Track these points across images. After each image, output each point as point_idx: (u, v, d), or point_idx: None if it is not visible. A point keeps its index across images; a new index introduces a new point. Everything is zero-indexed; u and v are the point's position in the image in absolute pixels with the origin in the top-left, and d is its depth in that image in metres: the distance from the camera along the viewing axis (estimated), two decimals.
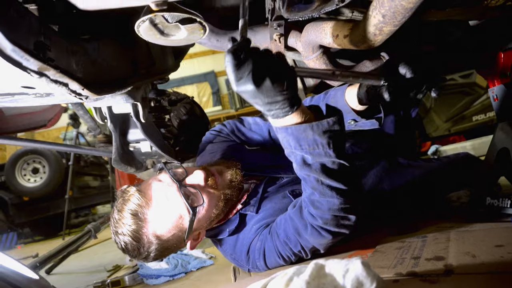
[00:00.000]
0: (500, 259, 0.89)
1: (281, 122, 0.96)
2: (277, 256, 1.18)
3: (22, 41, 0.67)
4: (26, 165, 5.92)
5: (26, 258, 4.07)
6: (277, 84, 0.85)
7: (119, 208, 1.19)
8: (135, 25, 0.75)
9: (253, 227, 1.26)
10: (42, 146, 2.13)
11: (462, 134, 4.43)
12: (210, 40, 1.28)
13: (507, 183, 1.35)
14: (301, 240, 1.11)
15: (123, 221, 1.17)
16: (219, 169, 1.31)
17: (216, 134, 1.62)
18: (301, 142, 0.96)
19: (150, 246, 1.19)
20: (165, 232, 1.19)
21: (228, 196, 1.28)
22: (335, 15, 1.18)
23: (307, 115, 0.96)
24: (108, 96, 1.02)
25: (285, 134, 0.97)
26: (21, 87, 0.77)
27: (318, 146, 0.96)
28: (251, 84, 0.84)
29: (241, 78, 0.84)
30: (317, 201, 1.03)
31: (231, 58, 0.83)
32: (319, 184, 1.00)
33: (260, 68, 0.84)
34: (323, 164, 0.98)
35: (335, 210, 1.02)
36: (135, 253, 1.20)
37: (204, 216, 1.23)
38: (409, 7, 0.69)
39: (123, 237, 1.18)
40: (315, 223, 1.06)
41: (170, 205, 1.18)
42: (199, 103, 2.30)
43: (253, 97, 0.88)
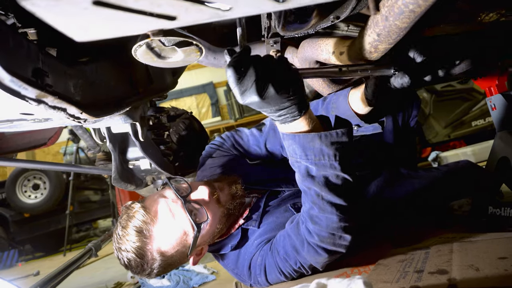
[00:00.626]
0: (504, 273, 0.88)
1: (289, 128, 0.94)
2: (278, 272, 1.17)
3: (20, 70, 0.67)
4: (26, 182, 5.91)
5: (27, 277, 4.05)
6: (282, 91, 0.84)
7: (124, 225, 1.18)
8: (132, 49, 0.76)
9: (255, 242, 1.26)
10: (42, 167, 2.12)
11: (462, 139, 4.43)
12: (207, 58, 1.29)
13: (508, 190, 1.34)
14: (299, 257, 1.11)
15: (127, 238, 1.16)
16: (221, 185, 1.31)
17: (216, 148, 1.62)
18: (307, 151, 0.94)
19: (154, 263, 1.18)
20: (169, 249, 1.18)
21: (231, 211, 1.28)
22: (331, 29, 1.20)
23: (315, 122, 0.94)
24: (107, 118, 1.03)
25: (292, 142, 0.95)
26: (19, 114, 0.78)
27: (324, 157, 0.93)
28: (256, 96, 0.82)
29: (245, 91, 0.82)
30: (316, 216, 1.01)
31: (232, 72, 0.82)
32: (320, 199, 0.98)
33: (262, 77, 0.82)
34: (327, 177, 0.96)
35: (333, 228, 1.00)
36: (138, 270, 1.19)
37: (208, 232, 1.23)
38: (403, 26, 0.70)
39: (126, 254, 1.17)
40: (311, 240, 1.04)
41: (175, 222, 1.17)
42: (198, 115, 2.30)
43: (260, 107, 0.87)
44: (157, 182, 1.77)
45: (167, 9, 0.48)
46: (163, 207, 1.18)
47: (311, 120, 0.93)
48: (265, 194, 1.38)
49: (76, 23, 0.49)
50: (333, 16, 0.93)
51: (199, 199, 1.21)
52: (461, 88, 4.29)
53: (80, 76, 0.93)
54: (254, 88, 0.81)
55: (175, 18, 0.50)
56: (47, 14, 0.46)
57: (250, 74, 0.81)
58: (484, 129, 4.22)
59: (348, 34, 1.18)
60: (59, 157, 8.73)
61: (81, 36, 0.50)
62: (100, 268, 3.60)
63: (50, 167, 2.25)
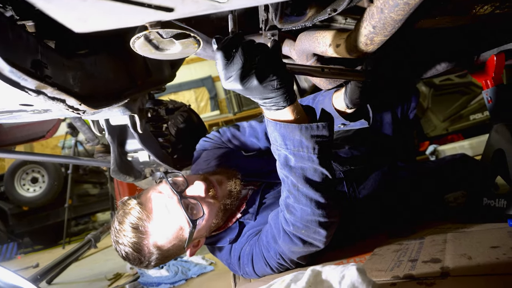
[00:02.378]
0: (495, 261, 0.90)
1: (273, 115, 0.94)
2: (264, 263, 1.18)
3: (19, 61, 0.68)
4: (25, 175, 5.92)
5: (27, 269, 4.07)
6: (266, 83, 0.83)
7: (120, 220, 1.20)
8: (130, 41, 0.77)
9: (246, 233, 1.28)
10: (41, 159, 2.13)
11: (460, 133, 4.44)
12: (205, 51, 1.29)
13: (504, 182, 1.36)
14: (277, 246, 1.11)
15: (124, 233, 1.18)
16: (219, 179, 1.31)
17: (210, 141, 1.62)
18: (287, 141, 0.94)
19: (151, 256, 1.20)
20: (165, 243, 1.20)
21: (227, 206, 1.28)
22: (328, 22, 1.20)
23: (300, 115, 0.94)
24: (106, 109, 1.04)
25: (273, 129, 0.95)
26: (19, 105, 0.79)
27: (302, 149, 0.94)
28: (239, 83, 0.81)
29: (230, 77, 0.81)
30: (292, 206, 1.02)
31: (221, 55, 0.81)
32: (295, 190, 0.99)
33: (248, 66, 0.80)
34: (304, 169, 0.96)
35: (308, 220, 1.00)
36: (136, 262, 1.21)
37: (204, 226, 1.24)
38: (398, 19, 0.71)
39: (124, 247, 1.19)
40: (287, 228, 1.05)
41: (170, 218, 1.18)
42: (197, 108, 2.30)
43: (244, 93, 0.86)
44: (155, 174, 1.78)
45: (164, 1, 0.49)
46: (158, 203, 1.19)
47: (297, 112, 0.93)
48: (261, 187, 1.39)
49: (75, 15, 0.50)
50: (330, 9, 0.93)
51: (195, 194, 1.21)
52: (459, 82, 4.29)
53: (79, 68, 0.94)
54: (238, 75, 0.80)
55: (173, 10, 0.51)
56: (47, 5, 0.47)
57: (237, 60, 0.80)
58: (482, 122, 4.23)
59: (346, 27, 1.19)
60: (57, 150, 8.73)
61: (80, 28, 0.51)
62: (99, 260, 3.63)
63: (49, 159, 2.26)
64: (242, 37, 0.85)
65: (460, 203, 1.44)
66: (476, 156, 2.20)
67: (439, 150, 3.88)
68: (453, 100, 4.32)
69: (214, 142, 1.61)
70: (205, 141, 1.63)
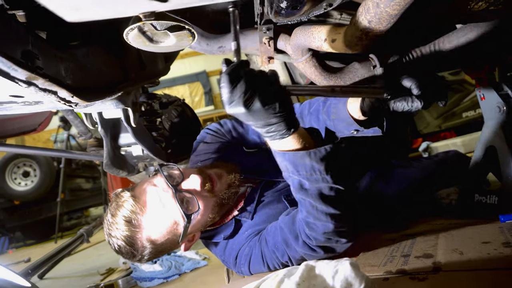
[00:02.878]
0: (486, 256, 0.91)
1: (279, 145, 0.96)
2: (262, 263, 1.18)
3: (9, 50, 0.66)
4: (16, 169, 5.86)
5: (18, 263, 4.04)
6: (268, 106, 0.85)
7: (113, 213, 1.18)
8: (124, 32, 0.75)
9: (245, 233, 1.27)
10: (33, 152, 2.11)
11: (452, 130, 4.48)
12: (200, 44, 1.28)
13: (495, 179, 1.37)
14: (289, 250, 1.12)
15: (117, 226, 1.16)
16: (218, 173, 1.29)
17: (212, 133, 1.59)
18: (299, 168, 0.96)
19: (144, 250, 1.19)
20: (159, 237, 1.19)
21: (224, 200, 1.27)
22: (324, 17, 1.19)
23: (305, 139, 0.96)
24: (98, 102, 1.02)
25: (282, 159, 0.98)
26: (9, 96, 0.77)
27: (315, 172, 0.96)
28: (242, 107, 0.84)
29: (233, 101, 0.84)
30: (312, 223, 1.04)
31: (226, 80, 0.83)
32: (314, 209, 1.01)
33: (251, 90, 0.83)
34: (320, 189, 0.99)
35: (329, 234, 1.03)
36: (129, 256, 1.20)
37: (199, 221, 1.23)
38: (394, 13, 0.71)
39: (116, 240, 1.17)
40: (309, 242, 1.07)
41: (165, 212, 1.17)
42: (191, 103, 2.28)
43: (246, 119, 0.88)
44: (149, 169, 1.77)
45: None
46: (153, 197, 1.17)
47: (301, 138, 0.95)
48: (260, 185, 1.37)
49: (67, 3, 0.49)
50: (326, 4, 0.93)
51: (190, 188, 1.20)
52: (452, 80, 4.32)
53: (71, 60, 0.93)
54: (241, 99, 0.83)
55: (166, 0, 0.50)
56: None
57: (241, 85, 0.83)
58: (475, 120, 4.26)
59: (341, 22, 1.18)
60: (49, 144, 8.64)
61: (71, 17, 0.50)
62: (92, 255, 3.61)
63: (41, 153, 2.24)
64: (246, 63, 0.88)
65: (452, 199, 1.46)
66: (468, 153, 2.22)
67: (432, 147, 3.91)
68: None
69: (215, 134, 1.59)
70: (206, 133, 1.60)
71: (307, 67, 1.22)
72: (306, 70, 1.23)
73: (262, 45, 1.23)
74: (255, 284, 0.81)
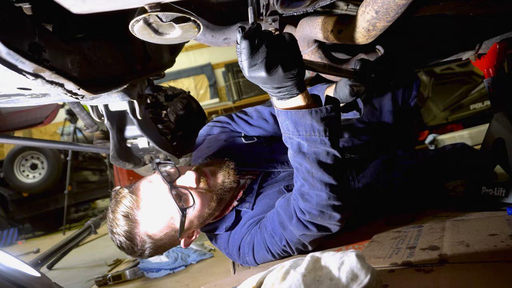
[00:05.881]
0: (493, 248, 0.90)
1: (284, 104, 0.98)
2: (265, 250, 1.19)
3: (16, 43, 0.67)
4: (24, 161, 5.92)
5: (28, 254, 4.11)
6: (289, 72, 0.88)
7: (113, 209, 1.22)
8: (129, 24, 0.75)
9: (246, 223, 1.28)
10: (40, 144, 2.13)
11: (459, 122, 4.44)
12: (205, 36, 1.28)
13: (503, 171, 1.36)
14: (285, 233, 1.13)
15: (117, 222, 1.20)
16: (212, 170, 1.30)
17: (213, 126, 1.61)
18: (299, 127, 0.97)
19: (144, 245, 1.22)
20: (157, 232, 1.21)
21: (220, 196, 1.28)
22: (330, 8, 1.18)
23: (310, 101, 0.98)
24: (104, 95, 1.03)
25: (285, 117, 0.99)
26: (17, 89, 0.78)
27: (314, 133, 0.97)
28: (264, 72, 0.86)
29: (254, 65, 0.86)
30: (307, 193, 1.04)
31: (247, 44, 0.84)
32: (310, 176, 1.02)
33: (273, 55, 0.85)
34: (317, 154, 1.00)
35: (323, 205, 1.03)
36: (130, 251, 1.23)
37: (196, 216, 1.24)
38: (402, 3, 0.70)
39: (118, 237, 1.21)
40: (302, 217, 1.07)
41: (160, 206, 1.19)
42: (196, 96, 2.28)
43: (264, 82, 0.90)
44: (155, 161, 1.78)
45: None
46: (149, 192, 1.20)
47: (306, 98, 0.97)
48: (259, 176, 1.39)
49: None
50: None
51: (186, 184, 1.22)
52: (460, 71, 4.27)
53: (77, 52, 0.93)
54: (263, 64, 0.85)
55: None
56: None
57: (262, 49, 0.85)
58: (482, 112, 4.22)
59: (348, 13, 1.17)
60: (56, 137, 8.70)
61: (78, 8, 0.50)
62: (99, 246, 3.66)
63: (48, 145, 2.26)
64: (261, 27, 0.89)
65: (459, 191, 1.45)
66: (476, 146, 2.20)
67: (438, 139, 3.88)
68: (453, 90, 4.30)
69: (217, 126, 1.60)
70: (208, 126, 1.61)
71: (313, 58, 1.21)
72: (309, 56, 1.22)
73: None
74: (261, 275, 0.81)
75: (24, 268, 0.96)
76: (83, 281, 2.30)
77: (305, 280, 0.70)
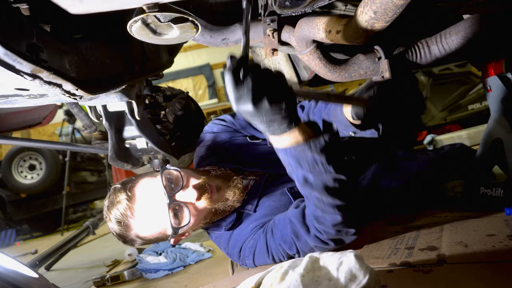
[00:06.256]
0: (491, 249, 0.91)
1: (280, 141, 0.97)
2: (267, 256, 1.19)
3: (14, 44, 0.67)
4: (22, 162, 5.91)
5: (25, 255, 4.10)
6: (275, 104, 0.86)
7: (108, 207, 1.24)
8: (128, 25, 0.75)
9: (250, 226, 1.28)
10: (39, 145, 2.13)
11: (458, 123, 4.45)
12: (203, 36, 1.27)
13: (501, 171, 1.37)
14: (299, 243, 1.12)
15: (110, 220, 1.23)
16: (218, 185, 1.28)
17: (218, 124, 1.59)
18: (301, 162, 0.97)
19: (134, 241, 1.26)
20: (147, 236, 1.25)
21: (219, 211, 1.28)
22: (328, 8, 1.18)
23: (305, 133, 0.97)
24: (103, 95, 1.02)
25: (285, 155, 0.99)
26: (15, 89, 0.77)
27: (318, 165, 0.97)
28: (250, 104, 0.84)
29: (240, 97, 0.84)
30: (321, 217, 1.04)
31: (231, 77, 0.83)
32: (321, 203, 1.02)
33: (259, 88, 0.84)
34: (324, 182, 0.99)
35: (339, 225, 1.04)
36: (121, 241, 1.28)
37: (190, 228, 1.27)
38: (400, 4, 0.70)
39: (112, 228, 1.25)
40: (320, 236, 1.08)
41: (154, 218, 1.20)
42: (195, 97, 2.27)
43: (251, 116, 0.88)
44: (153, 162, 1.78)
45: None
46: (145, 200, 1.20)
47: (301, 131, 0.96)
48: (263, 177, 1.37)
49: None
50: None
51: (186, 201, 1.21)
52: (458, 72, 4.28)
53: (75, 53, 0.93)
54: (249, 96, 0.83)
55: None
56: None
57: (247, 82, 0.83)
58: (480, 112, 4.23)
59: (346, 13, 1.17)
60: (54, 138, 8.69)
61: (75, 9, 0.50)
62: (98, 247, 3.65)
63: (46, 146, 2.26)
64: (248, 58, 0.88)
65: (457, 192, 1.45)
66: (474, 146, 2.21)
67: (436, 139, 3.89)
68: (452, 90, 4.32)
69: (221, 124, 1.58)
70: (213, 123, 1.60)
71: (311, 59, 1.21)
72: (310, 62, 1.22)
73: (266, 37, 1.22)
74: (259, 276, 0.81)
75: (22, 269, 0.96)
76: (81, 282, 2.29)
77: (303, 280, 0.70)
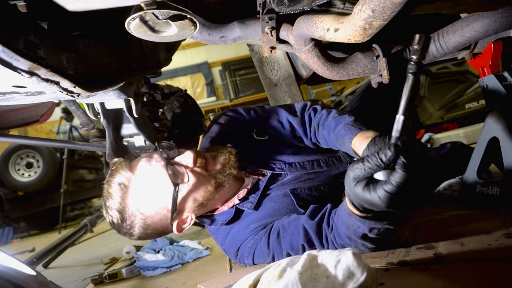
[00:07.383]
0: (488, 247, 0.91)
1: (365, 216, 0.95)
2: (267, 256, 1.19)
3: (11, 41, 0.66)
4: (19, 160, 5.88)
5: (23, 253, 4.09)
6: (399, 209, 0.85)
7: (108, 179, 1.23)
8: (126, 22, 0.75)
9: (251, 226, 1.27)
10: (36, 143, 2.12)
11: (455, 121, 4.46)
12: (202, 34, 1.27)
13: (497, 170, 1.37)
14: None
15: (109, 190, 1.20)
16: (212, 154, 1.30)
17: (227, 114, 1.59)
18: (373, 230, 0.96)
19: (133, 220, 1.19)
20: (147, 206, 1.20)
21: (219, 181, 1.26)
22: (327, 7, 1.18)
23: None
24: (100, 93, 1.02)
25: (361, 224, 0.95)
26: (12, 87, 0.77)
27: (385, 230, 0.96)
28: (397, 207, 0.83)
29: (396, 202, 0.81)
30: (347, 244, 1.04)
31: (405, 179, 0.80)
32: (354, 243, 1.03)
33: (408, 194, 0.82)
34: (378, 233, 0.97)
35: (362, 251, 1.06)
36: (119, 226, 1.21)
37: (190, 197, 1.23)
38: (398, 2, 0.70)
39: (110, 211, 1.20)
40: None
41: (153, 179, 1.19)
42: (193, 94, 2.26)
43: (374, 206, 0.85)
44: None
45: None
46: (144, 165, 1.22)
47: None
48: (266, 177, 1.36)
49: None
50: None
51: (183, 163, 1.22)
52: (456, 70, 4.29)
53: (73, 50, 0.92)
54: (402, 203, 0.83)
55: None
56: None
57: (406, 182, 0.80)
58: (477, 111, 4.25)
59: (344, 11, 1.17)
60: (52, 135, 8.67)
61: (73, 6, 0.50)
62: (96, 244, 3.65)
63: (44, 143, 2.25)
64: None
65: (454, 190, 1.46)
66: (471, 145, 2.22)
67: (434, 138, 3.90)
68: (449, 89, 4.33)
69: (231, 116, 1.57)
70: (223, 114, 1.60)
71: (309, 57, 1.21)
72: (308, 60, 1.22)
73: (264, 35, 1.22)
74: (257, 273, 0.81)
75: (19, 267, 0.96)
76: (79, 280, 2.29)
77: (301, 278, 0.70)
